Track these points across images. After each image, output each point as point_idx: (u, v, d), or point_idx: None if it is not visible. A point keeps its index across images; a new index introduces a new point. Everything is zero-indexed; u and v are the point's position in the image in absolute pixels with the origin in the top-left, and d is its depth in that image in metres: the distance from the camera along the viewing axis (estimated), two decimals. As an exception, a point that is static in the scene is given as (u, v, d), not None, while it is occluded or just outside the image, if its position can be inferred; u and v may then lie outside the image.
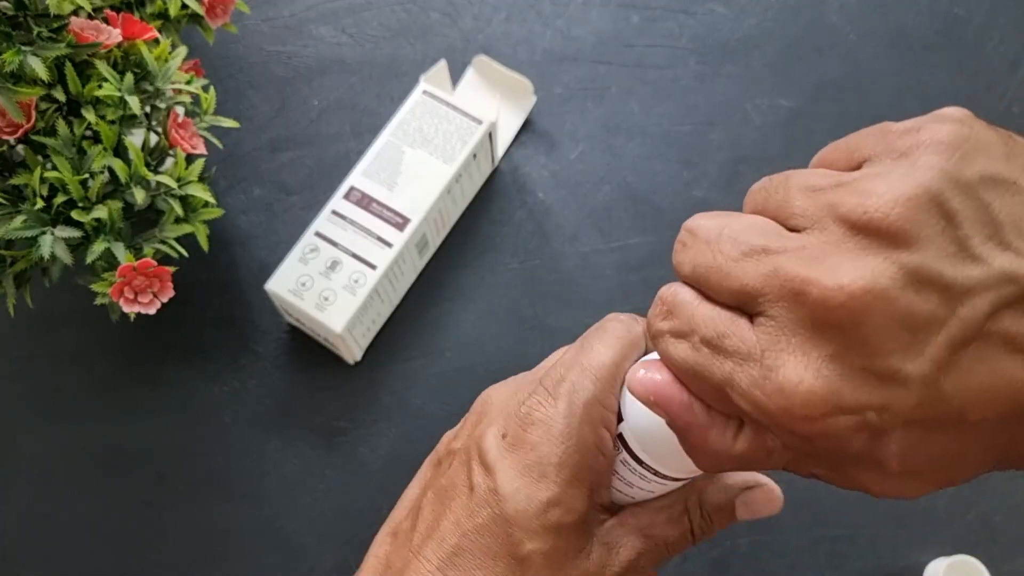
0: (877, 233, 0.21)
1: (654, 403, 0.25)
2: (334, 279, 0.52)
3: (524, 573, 0.28)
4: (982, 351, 0.20)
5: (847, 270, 0.20)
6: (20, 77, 0.40)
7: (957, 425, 0.21)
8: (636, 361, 0.30)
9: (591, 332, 0.31)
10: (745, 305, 0.22)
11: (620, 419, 0.29)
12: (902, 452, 0.21)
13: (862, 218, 0.21)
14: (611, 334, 0.30)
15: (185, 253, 0.46)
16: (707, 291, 0.24)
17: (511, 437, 0.29)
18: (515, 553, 0.28)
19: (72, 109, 0.44)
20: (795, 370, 0.21)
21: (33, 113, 0.42)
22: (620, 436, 0.29)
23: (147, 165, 0.45)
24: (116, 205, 0.43)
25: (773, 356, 0.21)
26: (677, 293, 0.24)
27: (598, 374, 0.29)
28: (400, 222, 0.54)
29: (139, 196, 0.43)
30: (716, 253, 0.23)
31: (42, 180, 0.42)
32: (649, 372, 0.25)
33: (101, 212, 0.42)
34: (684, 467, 0.28)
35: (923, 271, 0.20)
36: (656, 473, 0.29)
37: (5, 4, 0.40)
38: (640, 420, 0.28)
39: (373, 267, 0.53)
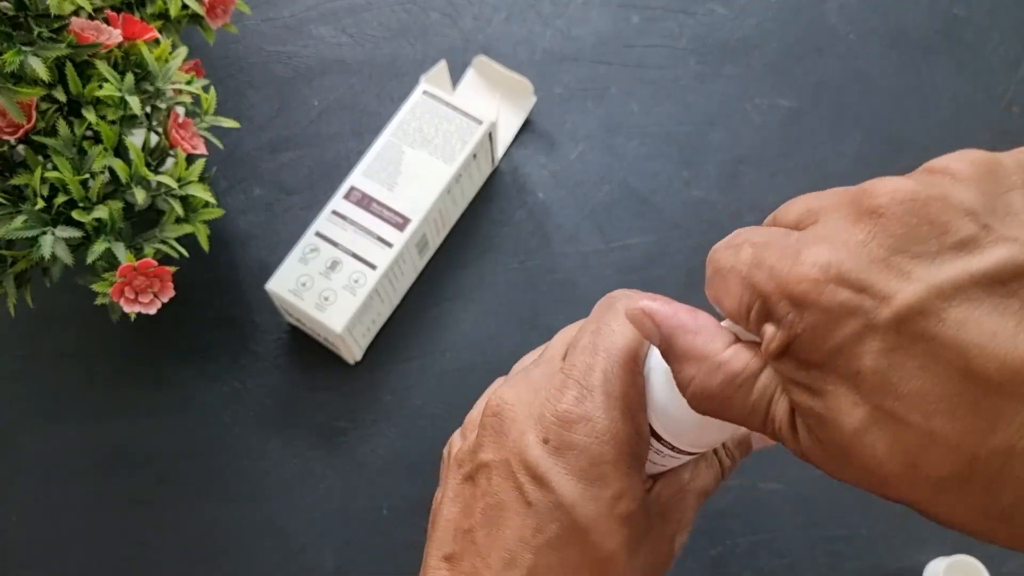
0: (932, 169, 0.22)
1: (641, 318, 0.26)
2: (334, 279, 0.53)
3: (609, 572, 0.28)
4: (1008, 308, 0.19)
5: (902, 181, 0.21)
6: (21, 77, 0.40)
7: (949, 369, 0.20)
8: None
9: (603, 312, 0.31)
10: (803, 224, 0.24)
11: None
12: (878, 365, 0.20)
13: (927, 167, 0.22)
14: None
15: (185, 253, 0.46)
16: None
17: (555, 440, 0.28)
18: (598, 556, 0.28)
19: (73, 109, 0.44)
20: (820, 247, 0.21)
21: (34, 113, 0.42)
22: None
23: (148, 165, 0.45)
24: (117, 205, 0.43)
25: (807, 241, 0.22)
26: (746, 230, 0.25)
27: (624, 358, 0.29)
28: (400, 222, 0.54)
29: (140, 196, 0.43)
30: (781, 215, 0.25)
31: (43, 180, 0.42)
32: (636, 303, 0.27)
33: (102, 212, 0.42)
34: (698, 441, 0.29)
35: (972, 205, 0.20)
36: (673, 448, 0.29)
37: (6, 4, 0.40)
38: (658, 398, 0.29)
39: (373, 267, 0.53)
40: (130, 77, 0.43)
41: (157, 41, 0.46)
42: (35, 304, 0.47)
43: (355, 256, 0.53)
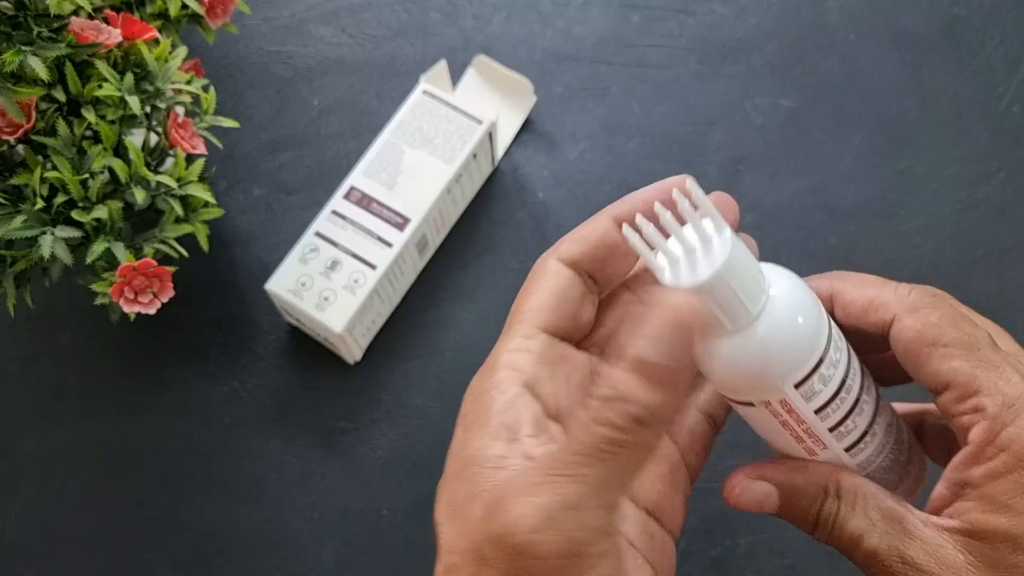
0: None
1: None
2: (334, 279, 0.52)
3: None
4: None
5: None
6: (20, 77, 0.40)
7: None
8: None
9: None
10: None
11: None
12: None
13: None
14: None
15: (185, 253, 0.46)
16: None
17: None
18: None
19: (72, 109, 0.44)
20: None
21: (33, 113, 0.42)
22: None
23: (147, 165, 0.45)
24: (116, 205, 0.43)
25: None
26: None
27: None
28: (400, 222, 0.54)
29: (139, 196, 0.43)
30: None
31: (42, 180, 0.42)
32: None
33: (101, 212, 0.42)
34: None
35: None
36: None
37: (5, 4, 0.40)
38: None
39: (373, 267, 0.53)
40: (130, 77, 0.43)
41: (157, 41, 0.46)
42: (35, 304, 0.47)
43: (355, 256, 0.53)
